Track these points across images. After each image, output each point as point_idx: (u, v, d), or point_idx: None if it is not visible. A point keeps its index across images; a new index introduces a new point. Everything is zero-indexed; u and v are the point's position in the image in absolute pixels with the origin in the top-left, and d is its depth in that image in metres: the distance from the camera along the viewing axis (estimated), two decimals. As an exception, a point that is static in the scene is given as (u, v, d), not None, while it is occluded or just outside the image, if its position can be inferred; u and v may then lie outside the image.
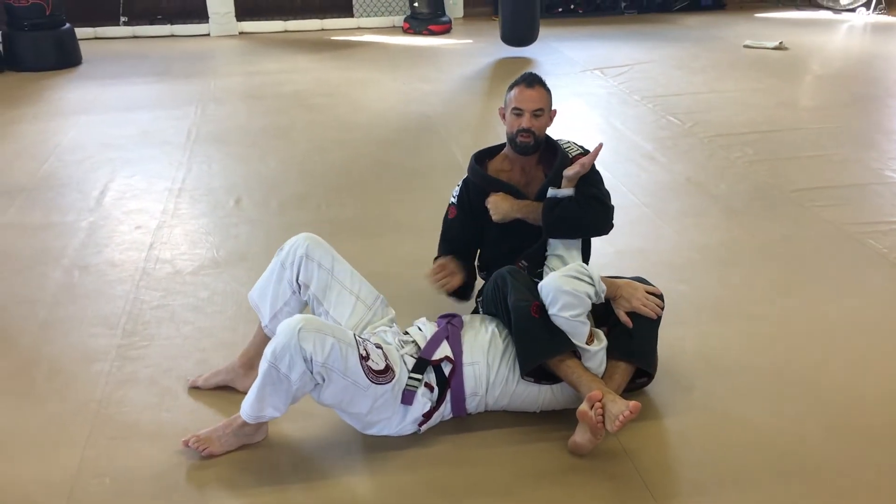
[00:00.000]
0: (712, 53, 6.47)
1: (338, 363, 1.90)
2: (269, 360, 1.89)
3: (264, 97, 5.49)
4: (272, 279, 2.24)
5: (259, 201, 3.72)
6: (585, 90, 5.50)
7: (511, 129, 2.40)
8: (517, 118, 2.37)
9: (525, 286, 2.17)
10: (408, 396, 2.04)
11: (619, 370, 2.14)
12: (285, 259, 2.22)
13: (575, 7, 8.34)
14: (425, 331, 2.19)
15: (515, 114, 2.38)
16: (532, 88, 2.38)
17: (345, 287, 2.22)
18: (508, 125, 2.41)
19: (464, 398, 2.12)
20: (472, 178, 2.51)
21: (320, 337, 1.89)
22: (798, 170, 3.94)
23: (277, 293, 2.23)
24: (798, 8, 8.31)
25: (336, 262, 2.25)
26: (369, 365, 1.96)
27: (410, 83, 5.77)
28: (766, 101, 5.15)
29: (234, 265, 3.12)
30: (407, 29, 7.63)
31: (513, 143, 2.41)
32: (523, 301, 2.11)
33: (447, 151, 4.31)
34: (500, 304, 2.18)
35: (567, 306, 2.03)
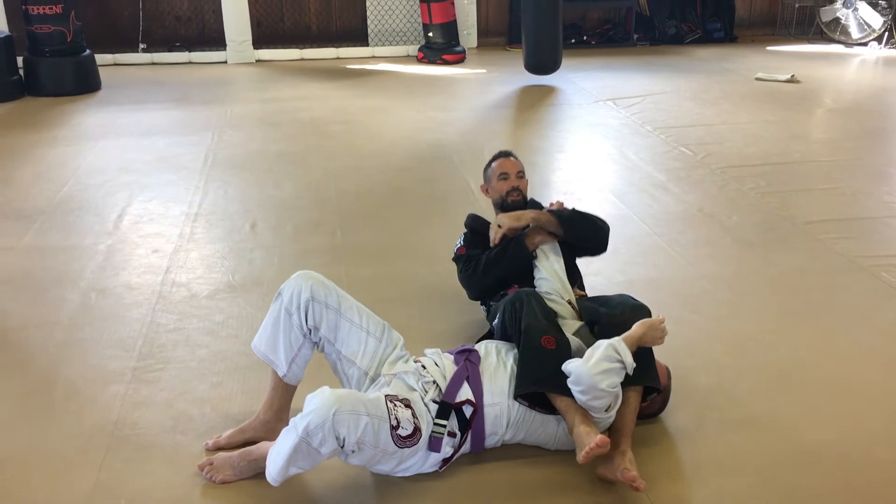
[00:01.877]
0: (724, 85, 6.52)
1: (370, 438, 1.88)
2: (301, 435, 1.82)
3: (280, 124, 5.56)
4: (279, 328, 2.16)
5: (274, 226, 3.76)
6: (598, 120, 5.54)
7: (500, 193, 2.67)
8: (505, 182, 2.67)
9: (541, 311, 2.19)
10: (435, 444, 2.03)
11: (628, 401, 2.13)
12: (289, 305, 2.14)
13: (588, 38, 8.41)
14: (443, 367, 2.16)
15: (502, 178, 2.68)
16: (510, 157, 2.76)
17: (354, 324, 2.17)
18: (496, 192, 2.69)
19: (484, 438, 2.11)
20: (472, 223, 2.76)
21: (354, 418, 1.86)
22: (810, 202, 3.96)
23: (289, 341, 2.16)
24: (810, 41, 8.37)
25: (342, 299, 2.19)
26: (399, 433, 1.94)
27: (425, 112, 5.83)
28: (778, 134, 5.18)
29: (249, 289, 3.14)
30: (421, 58, 7.72)
31: (504, 204, 2.66)
32: (536, 328, 2.13)
33: (460, 180, 4.35)
34: (514, 326, 2.19)
35: (598, 399, 2.01)
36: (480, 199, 4.03)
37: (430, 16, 7.58)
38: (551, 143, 5.13)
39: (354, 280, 3.18)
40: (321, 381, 2.06)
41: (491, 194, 2.74)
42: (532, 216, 2.57)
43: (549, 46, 6.31)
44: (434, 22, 7.58)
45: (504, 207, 2.67)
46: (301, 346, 2.17)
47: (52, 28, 6.30)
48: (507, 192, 2.66)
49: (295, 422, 1.85)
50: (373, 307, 2.91)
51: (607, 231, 2.65)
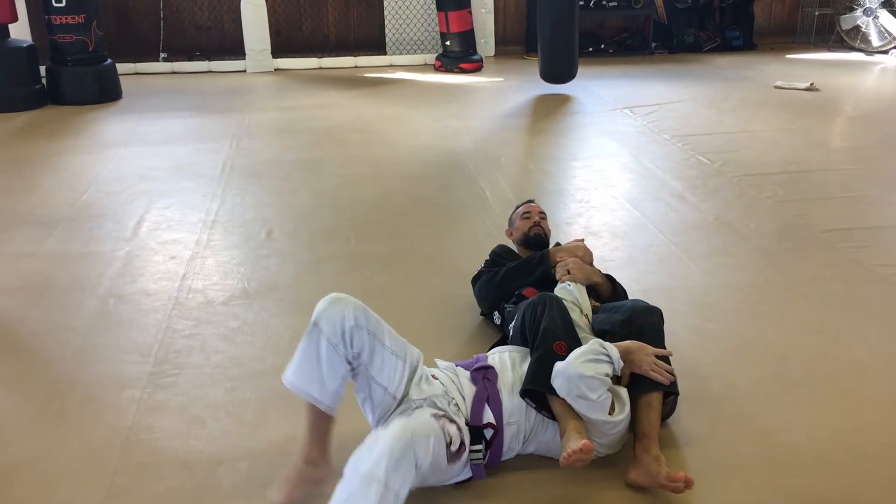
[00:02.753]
0: (743, 93, 6.49)
1: (433, 458, 1.82)
2: (382, 480, 1.67)
3: (297, 132, 5.59)
4: (321, 361, 2.00)
5: (290, 234, 3.78)
6: (615, 128, 5.53)
7: (523, 230, 2.86)
8: (527, 220, 2.87)
9: (561, 317, 2.20)
10: (478, 471, 2.03)
11: (652, 404, 2.12)
12: (332, 335, 1.99)
13: (605, 47, 8.41)
14: (460, 385, 2.13)
15: (525, 218, 2.88)
16: (532, 202, 3.00)
17: (387, 348, 2.07)
18: (519, 230, 2.87)
19: (501, 455, 2.11)
20: (501, 251, 2.89)
21: (426, 440, 1.79)
22: (829, 210, 3.93)
23: (334, 372, 2.01)
24: (830, 49, 8.31)
25: (378, 322, 2.08)
26: (451, 449, 1.91)
27: (442, 120, 5.84)
28: (796, 142, 5.15)
29: (265, 296, 3.16)
30: (439, 67, 7.74)
31: (527, 239, 2.83)
32: (552, 332, 2.14)
33: (476, 188, 4.36)
34: (533, 327, 2.20)
35: (589, 389, 1.98)
36: (496, 207, 4.05)
37: (447, 24, 7.61)
38: (567, 151, 5.12)
39: (369, 287, 3.19)
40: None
41: (515, 235, 2.91)
42: (598, 276, 2.60)
43: (564, 56, 6.30)
44: (451, 31, 7.61)
45: (527, 242, 2.84)
46: (344, 375, 2.04)
47: (74, 38, 6.38)
48: (529, 228, 2.84)
49: (367, 472, 1.69)
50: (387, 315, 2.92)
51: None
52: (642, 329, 2.21)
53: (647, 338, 2.19)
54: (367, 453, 1.73)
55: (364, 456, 1.73)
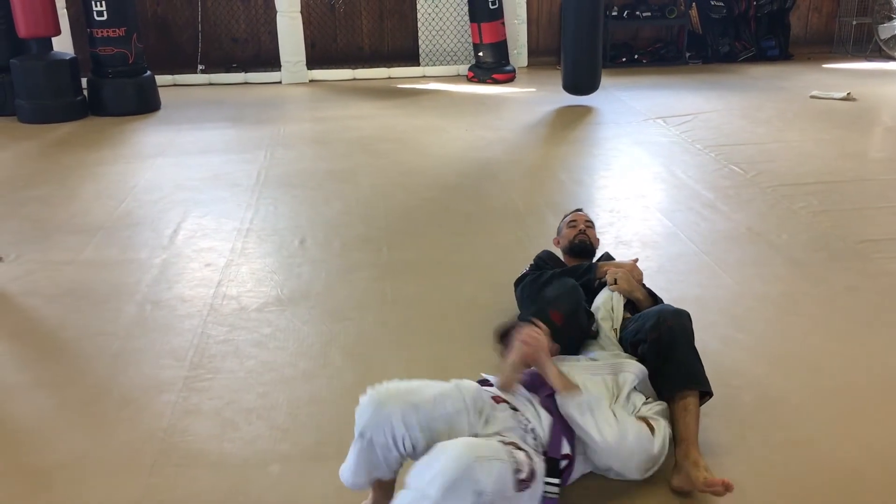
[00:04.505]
0: (778, 103, 6.44)
1: (500, 485, 1.71)
2: (434, 500, 1.62)
3: (331, 142, 5.66)
4: (377, 461, 1.89)
5: (322, 242, 3.83)
6: (647, 139, 5.52)
7: (569, 238, 2.87)
8: (573, 228, 2.89)
9: (567, 292, 2.29)
10: None
11: (688, 407, 2.12)
12: (383, 446, 1.86)
13: (639, 57, 8.39)
14: (537, 414, 2.03)
15: (571, 226, 2.90)
16: (580, 211, 3.05)
17: (444, 414, 1.90)
18: (565, 238, 2.89)
19: (567, 482, 2.05)
20: (546, 256, 2.93)
21: (488, 464, 1.69)
22: (863, 221, 3.88)
23: (389, 464, 1.91)
24: (868, 59, 8.21)
25: (426, 403, 1.89)
26: (518, 477, 1.78)
27: (474, 130, 5.88)
28: (831, 152, 5.10)
29: (297, 303, 3.21)
30: (471, 77, 7.79)
31: (573, 247, 2.85)
32: (551, 300, 2.27)
33: (506, 198, 4.38)
34: (534, 290, 2.33)
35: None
36: (526, 216, 4.07)
37: (480, 35, 7.66)
38: (599, 161, 5.12)
39: (400, 296, 3.22)
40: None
41: (561, 243, 2.93)
42: (641, 292, 2.58)
43: (586, 67, 6.29)
44: (484, 42, 7.65)
45: (572, 250, 2.86)
46: (404, 459, 1.91)
47: (115, 50, 6.53)
48: (574, 236, 2.87)
49: (421, 489, 1.64)
50: (420, 324, 2.99)
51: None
52: (672, 331, 2.22)
53: (677, 339, 2.20)
54: (427, 468, 1.68)
55: (424, 470, 1.69)
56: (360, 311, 3.11)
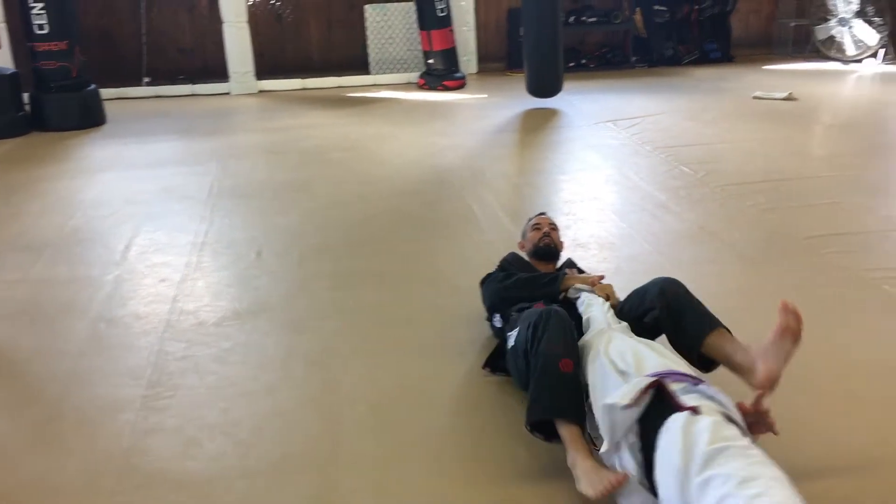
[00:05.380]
0: (723, 104, 6.58)
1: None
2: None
3: (284, 152, 5.62)
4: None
5: (280, 253, 3.80)
6: (599, 142, 5.59)
7: (534, 240, 2.90)
8: (538, 231, 2.91)
9: (561, 333, 2.20)
10: None
11: (725, 335, 2.25)
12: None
13: (587, 62, 8.50)
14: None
15: (536, 229, 2.93)
16: (543, 214, 3.07)
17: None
18: (530, 241, 2.92)
19: None
20: (512, 259, 2.91)
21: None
22: (811, 217, 3.98)
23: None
24: (806, 59, 8.44)
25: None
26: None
27: (427, 137, 5.89)
28: (777, 151, 5.22)
29: (256, 316, 3.17)
30: (422, 85, 7.80)
31: (537, 250, 2.88)
32: (554, 353, 2.15)
33: (463, 204, 4.39)
34: (533, 346, 2.20)
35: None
36: (483, 221, 4.08)
37: (430, 43, 7.68)
38: (552, 164, 5.17)
39: (361, 305, 3.21)
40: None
41: (526, 247, 2.96)
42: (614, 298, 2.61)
43: (550, 70, 6.38)
44: (434, 49, 7.68)
45: (537, 253, 2.89)
46: None
47: (58, 64, 6.39)
48: (539, 239, 2.89)
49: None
50: (381, 332, 2.98)
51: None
52: (677, 292, 2.33)
53: (683, 297, 2.34)
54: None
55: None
56: (320, 322, 3.09)
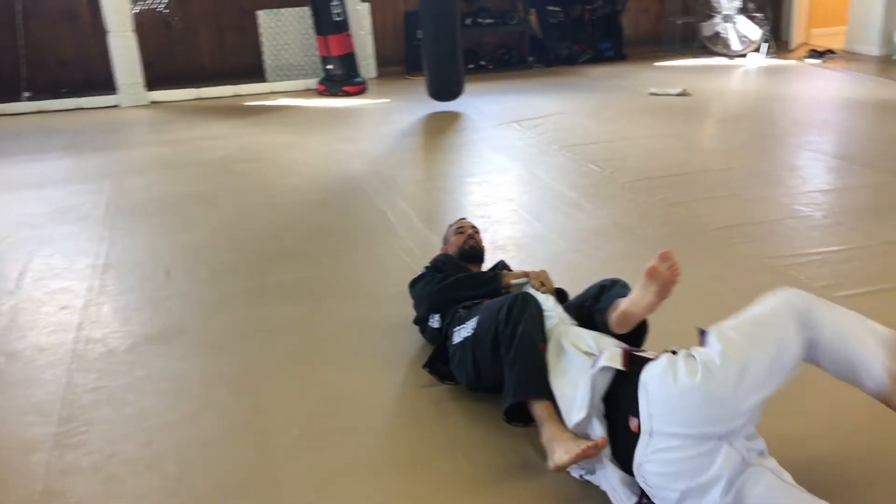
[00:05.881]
0: (620, 102, 6.74)
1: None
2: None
3: (184, 165, 5.41)
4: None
5: (190, 271, 3.64)
6: (505, 143, 5.63)
7: (458, 244, 2.92)
8: (461, 235, 2.94)
9: (538, 319, 2.23)
10: None
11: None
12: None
13: (485, 63, 8.56)
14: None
15: (459, 232, 2.95)
16: (465, 220, 3.12)
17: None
18: (454, 245, 2.93)
19: None
20: (444, 258, 2.88)
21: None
22: (715, 209, 4.11)
23: None
24: (695, 56, 8.76)
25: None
26: None
27: (333, 144, 5.79)
28: (676, 146, 5.39)
29: (171, 340, 3.02)
30: (322, 91, 7.68)
31: (463, 252, 2.89)
32: (534, 334, 2.17)
33: (377, 211, 4.32)
34: (508, 327, 2.18)
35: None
36: (399, 228, 4.03)
37: (327, 48, 7.57)
38: (461, 167, 5.17)
39: (282, 322, 3.11)
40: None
41: (451, 251, 2.95)
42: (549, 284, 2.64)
43: (451, 73, 6.38)
44: (332, 54, 7.57)
45: (463, 255, 2.89)
46: None
47: (-72, 80, 5.96)
48: (463, 242, 2.91)
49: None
50: (307, 348, 2.89)
51: None
52: (610, 293, 2.34)
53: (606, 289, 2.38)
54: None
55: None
56: (242, 342, 2.97)
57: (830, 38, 8.80)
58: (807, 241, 3.65)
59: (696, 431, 1.74)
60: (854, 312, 1.91)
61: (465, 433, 2.33)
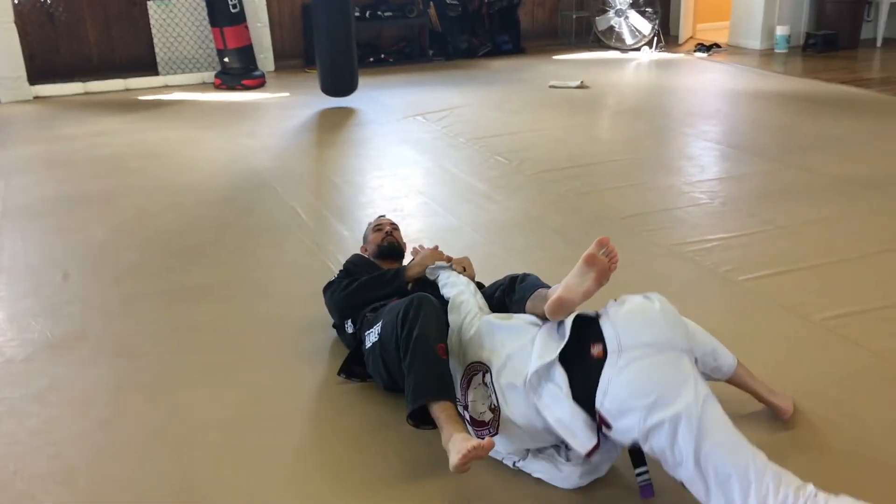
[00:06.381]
0: (522, 94, 6.83)
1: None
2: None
3: (75, 163, 5.14)
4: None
5: (90, 274, 3.46)
6: (411, 136, 5.61)
7: (377, 241, 2.89)
8: (379, 232, 2.91)
9: (434, 320, 2.18)
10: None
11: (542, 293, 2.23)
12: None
13: (385, 56, 8.51)
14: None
15: (377, 230, 2.93)
16: (385, 217, 3.09)
17: None
18: (373, 243, 2.90)
19: None
20: (356, 260, 2.85)
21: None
22: (622, 198, 4.22)
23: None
24: (590, 49, 8.96)
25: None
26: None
27: (234, 140, 5.62)
28: (579, 137, 5.50)
29: (73, 347, 2.86)
30: (219, 85, 7.45)
31: (381, 249, 2.87)
32: (431, 336, 2.12)
33: (286, 207, 4.23)
34: (403, 331, 2.14)
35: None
36: (311, 224, 3.96)
37: (223, 41, 7.34)
38: (369, 161, 5.12)
39: (194, 324, 2.99)
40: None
41: (370, 249, 2.92)
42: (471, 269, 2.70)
43: (344, 68, 6.27)
44: (229, 47, 7.35)
45: (381, 253, 2.86)
46: None
47: None
48: (382, 239, 2.89)
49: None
50: (222, 350, 2.80)
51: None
52: (524, 284, 2.35)
53: (523, 279, 2.39)
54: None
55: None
56: (152, 346, 2.84)
57: (716, 33, 9.18)
58: (709, 227, 3.79)
59: (663, 339, 1.86)
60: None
61: (391, 429, 2.31)
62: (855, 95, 6.42)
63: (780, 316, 2.92)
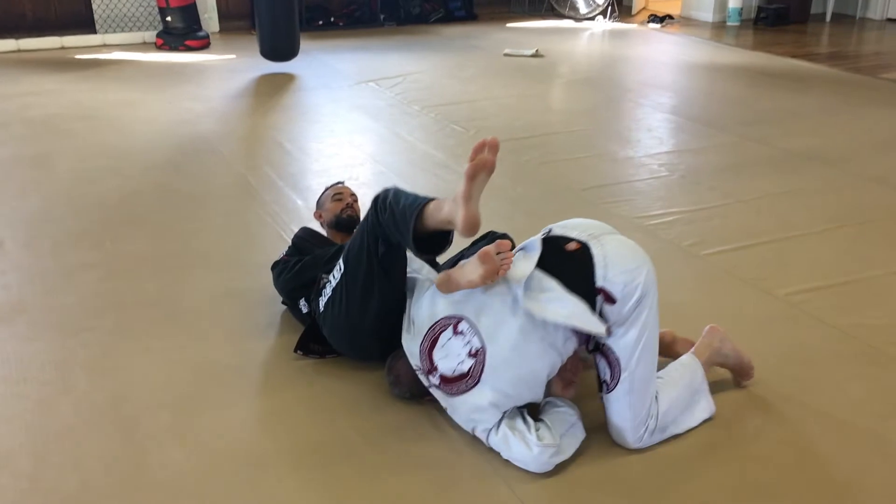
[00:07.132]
0: (477, 62, 6.70)
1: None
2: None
3: (7, 124, 4.86)
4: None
5: (27, 243, 3.26)
6: (364, 102, 5.45)
7: (335, 211, 2.75)
8: (339, 202, 2.77)
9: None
10: None
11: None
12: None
13: (336, 20, 8.28)
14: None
15: (337, 199, 2.78)
16: (343, 183, 2.94)
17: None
18: (330, 212, 2.76)
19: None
20: (305, 234, 2.71)
21: None
22: (581, 170, 4.16)
23: None
24: (543, 18, 8.87)
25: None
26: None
27: (178, 102, 5.39)
28: (536, 106, 5.41)
29: (11, 321, 2.69)
30: (161, 45, 7.14)
31: (339, 221, 2.73)
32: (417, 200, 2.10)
33: (234, 173, 4.06)
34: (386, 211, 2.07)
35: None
36: (261, 191, 3.80)
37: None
38: (321, 127, 4.95)
39: (140, 296, 2.84)
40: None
41: (325, 217, 2.80)
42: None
43: (284, 32, 6.03)
44: (171, 6, 7.04)
45: (339, 224, 2.74)
46: None
47: None
48: (341, 210, 2.75)
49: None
50: (170, 324, 2.66)
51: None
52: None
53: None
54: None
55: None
56: (97, 320, 2.68)
57: (668, 5, 9.17)
58: (670, 200, 3.75)
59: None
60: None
61: (350, 406, 2.21)
62: (806, 69, 6.47)
63: (744, 291, 2.90)
